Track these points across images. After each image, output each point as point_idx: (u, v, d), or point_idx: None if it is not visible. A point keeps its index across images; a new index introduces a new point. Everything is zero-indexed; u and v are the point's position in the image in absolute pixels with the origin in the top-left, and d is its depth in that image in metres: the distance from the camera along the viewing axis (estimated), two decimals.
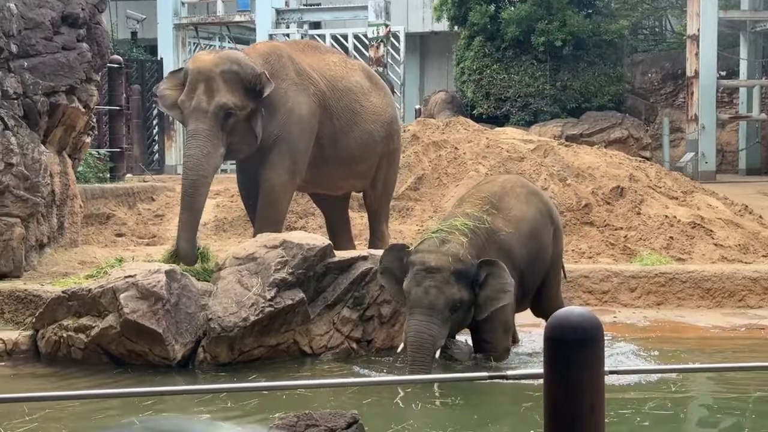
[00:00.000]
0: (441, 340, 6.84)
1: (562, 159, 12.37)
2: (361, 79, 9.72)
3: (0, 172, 9.15)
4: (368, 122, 9.57)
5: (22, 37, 9.54)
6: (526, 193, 7.63)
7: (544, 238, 7.59)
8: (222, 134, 8.45)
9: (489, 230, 7.21)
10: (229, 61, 8.59)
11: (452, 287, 6.84)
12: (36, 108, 9.57)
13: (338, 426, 3.40)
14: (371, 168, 9.76)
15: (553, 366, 3.00)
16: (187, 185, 8.47)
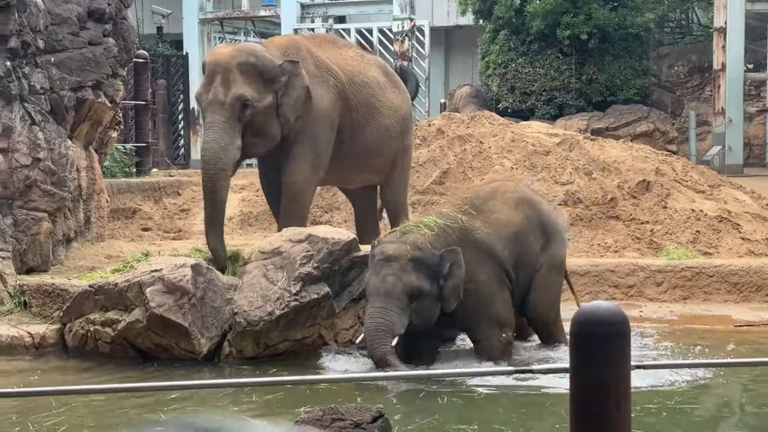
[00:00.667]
0: (400, 327, 6.76)
1: (588, 153, 12.32)
2: (377, 74, 9.71)
3: (27, 167, 9.21)
4: (385, 117, 9.56)
5: (48, 32, 9.59)
6: (517, 198, 7.50)
7: (529, 245, 7.43)
8: (239, 126, 8.40)
9: (463, 229, 7.14)
10: (246, 53, 8.57)
11: (410, 275, 6.80)
12: (63, 103, 9.62)
13: (364, 420, 3.40)
14: (387, 163, 9.75)
15: (579, 361, 2.99)
16: (207, 180, 8.44)
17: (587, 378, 2.96)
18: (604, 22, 19.69)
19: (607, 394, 2.95)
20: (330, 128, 9.10)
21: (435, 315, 6.98)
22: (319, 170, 9.13)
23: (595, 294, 9.58)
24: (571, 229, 11.19)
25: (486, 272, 7.17)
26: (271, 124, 8.60)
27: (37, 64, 9.46)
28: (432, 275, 6.85)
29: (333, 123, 9.13)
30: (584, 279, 9.69)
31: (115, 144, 11.73)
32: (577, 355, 2.99)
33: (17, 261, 8.89)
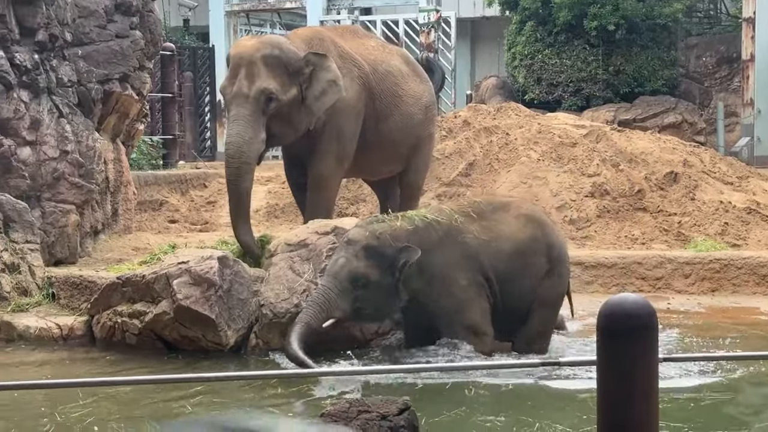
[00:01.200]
0: (337, 311, 6.71)
1: (615, 144, 12.27)
2: (400, 63, 9.71)
3: (55, 160, 9.27)
4: (408, 105, 9.55)
5: (76, 25, 9.65)
6: (529, 219, 7.23)
7: (530, 268, 7.10)
8: (263, 119, 8.40)
9: (454, 228, 6.97)
10: (270, 46, 8.55)
11: (359, 261, 6.73)
12: (90, 96, 9.67)
13: (390, 412, 3.40)
14: (409, 151, 9.74)
15: (606, 353, 2.97)
16: (231, 173, 8.44)
17: (614, 370, 2.95)
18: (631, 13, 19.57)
19: (635, 387, 2.94)
20: (355, 119, 9.10)
21: (388, 308, 6.88)
22: (344, 162, 9.13)
23: (622, 286, 9.55)
24: (598, 221, 11.16)
25: (466, 277, 6.92)
26: (295, 117, 8.60)
27: (64, 56, 9.52)
28: (386, 267, 6.72)
29: (358, 114, 9.12)
30: (611, 271, 9.66)
31: (142, 136, 11.79)
32: (605, 347, 2.98)
33: (45, 253, 8.95)
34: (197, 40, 22.27)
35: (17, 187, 8.90)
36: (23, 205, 8.74)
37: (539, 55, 20.44)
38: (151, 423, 5.79)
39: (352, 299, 6.76)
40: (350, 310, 6.78)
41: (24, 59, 9.08)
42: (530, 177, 11.69)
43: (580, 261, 9.72)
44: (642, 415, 2.95)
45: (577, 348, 7.44)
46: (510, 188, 11.55)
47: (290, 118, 8.57)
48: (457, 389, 6.32)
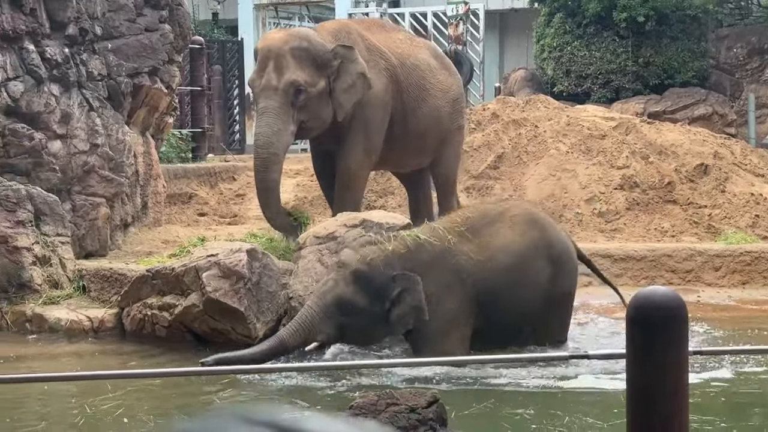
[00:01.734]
0: (320, 335, 6.43)
1: (645, 136, 12.20)
2: (428, 56, 9.70)
3: (85, 153, 9.32)
4: (436, 98, 9.53)
5: (106, 19, 9.69)
6: (527, 224, 7.05)
7: (531, 275, 6.95)
8: (292, 111, 8.42)
9: (445, 251, 6.74)
10: (299, 38, 8.58)
11: (346, 286, 6.46)
12: (120, 89, 9.71)
13: (419, 405, 3.40)
14: (438, 144, 9.71)
15: (635, 346, 2.96)
16: (259, 164, 8.49)
17: (644, 364, 2.94)
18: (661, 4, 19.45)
19: (665, 380, 2.92)
20: (383, 111, 9.10)
21: (375, 336, 6.68)
22: (372, 154, 9.13)
23: (651, 279, 9.51)
24: (627, 213, 11.11)
25: (454, 300, 6.71)
26: (324, 109, 8.62)
27: (94, 50, 9.56)
28: (374, 294, 6.45)
29: (386, 106, 9.12)
30: (641, 264, 9.62)
31: (171, 130, 11.83)
32: (634, 340, 2.97)
33: (76, 246, 9.01)
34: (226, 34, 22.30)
35: (48, 181, 8.97)
36: (54, 198, 8.80)
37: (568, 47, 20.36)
38: (180, 415, 5.81)
39: (336, 324, 6.48)
40: (334, 334, 6.52)
41: (54, 53, 9.13)
42: (559, 169, 11.65)
43: (609, 254, 9.69)
44: (672, 408, 2.94)
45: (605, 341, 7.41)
46: (538, 181, 11.52)
47: (318, 110, 8.59)
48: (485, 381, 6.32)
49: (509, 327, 6.83)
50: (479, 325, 6.82)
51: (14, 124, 8.83)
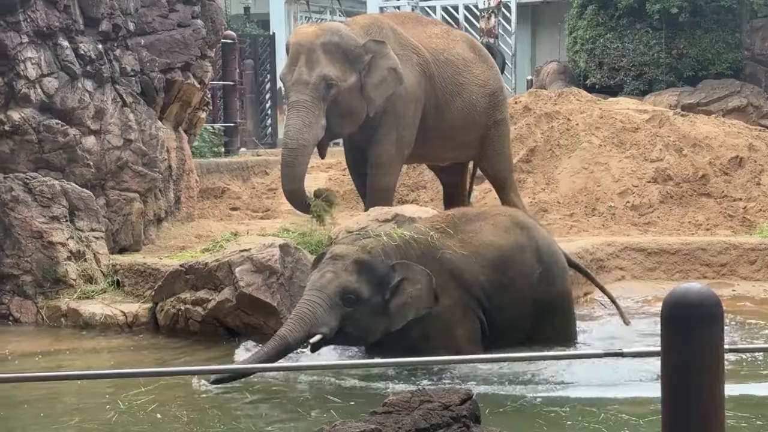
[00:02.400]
0: (323, 327, 6.08)
1: (678, 129, 12.11)
2: (464, 50, 9.60)
3: (119, 148, 9.37)
4: (471, 93, 9.45)
5: (138, 15, 9.73)
6: (510, 223, 6.88)
7: (518, 276, 6.74)
8: (323, 105, 8.43)
9: (430, 246, 6.54)
10: (330, 33, 8.58)
11: (350, 275, 6.18)
12: (153, 85, 9.76)
13: (452, 402, 3.39)
14: (475, 139, 9.62)
15: (670, 344, 2.94)
16: (287, 154, 8.51)
17: (679, 362, 2.91)
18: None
19: (700, 378, 2.90)
20: (415, 106, 9.07)
21: (375, 331, 6.31)
22: (404, 149, 9.11)
23: (685, 273, 9.44)
24: (660, 207, 11.04)
25: (449, 296, 6.46)
26: (355, 104, 8.61)
27: (127, 46, 9.61)
28: (377, 284, 6.22)
29: (418, 101, 9.09)
30: (675, 258, 9.55)
31: (203, 124, 11.87)
32: (668, 338, 2.94)
33: (110, 241, 9.07)
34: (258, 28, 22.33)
35: (82, 176, 9.02)
36: (88, 194, 8.86)
37: (601, 39, 20.25)
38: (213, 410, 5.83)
39: (340, 316, 6.18)
40: (336, 327, 6.17)
41: (88, 49, 9.18)
42: (592, 163, 11.59)
43: (643, 247, 9.63)
44: (708, 406, 2.91)
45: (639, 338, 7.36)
46: (571, 174, 11.47)
47: (350, 105, 8.59)
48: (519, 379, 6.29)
49: (505, 326, 6.65)
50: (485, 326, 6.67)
51: (49, 120, 8.89)
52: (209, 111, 12.41)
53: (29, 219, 8.40)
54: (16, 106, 8.76)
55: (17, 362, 6.93)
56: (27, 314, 8.27)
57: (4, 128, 8.67)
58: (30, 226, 8.39)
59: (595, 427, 5.29)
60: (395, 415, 3.28)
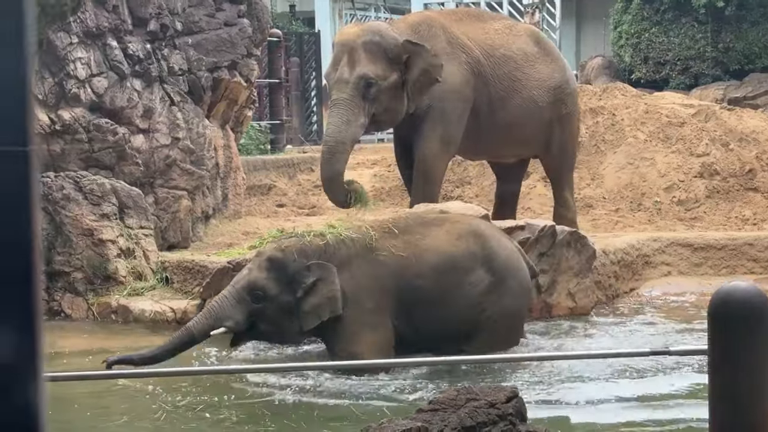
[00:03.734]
0: (228, 321, 6.18)
1: (725, 123, 11.99)
2: (526, 45, 9.43)
3: (167, 147, 9.44)
4: (530, 89, 9.29)
5: (186, 14, 9.79)
6: (466, 231, 6.69)
7: (465, 284, 6.57)
8: (364, 104, 8.46)
9: (365, 248, 6.48)
10: (371, 32, 8.62)
11: (260, 272, 6.26)
12: (200, 83, 9.81)
13: (498, 400, 3.38)
14: (538, 134, 9.43)
15: (717, 343, 2.91)
16: (326, 151, 8.60)
17: (727, 361, 2.89)
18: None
19: (749, 379, 2.87)
20: (461, 103, 9.02)
21: (288, 329, 6.36)
22: (450, 145, 9.08)
23: (732, 268, 9.35)
24: (707, 201, 10.94)
25: (373, 301, 6.42)
26: (397, 101, 8.64)
27: (175, 45, 9.67)
28: (287, 282, 6.26)
29: (465, 98, 9.04)
30: (721, 253, 9.47)
31: (250, 122, 11.92)
32: (716, 337, 2.92)
33: (159, 238, 9.14)
34: (303, 26, 22.40)
35: (131, 174, 9.10)
36: (137, 192, 8.93)
37: (646, 34, 20.11)
38: (261, 409, 5.85)
39: (247, 311, 6.26)
40: (244, 322, 6.26)
41: (136, 49, 9.26)
42: (637, 158, 11.51)
43: (689, 243, 9.55)
44: (755, 405, 2.88)
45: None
46: (616, 170, 11.40)
47: (391, 102, 8.63)
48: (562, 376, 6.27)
49: (439, 332, 6.46)
50: (407, 329, 6.48)
51: (98, 119, 8.98)
52: (255, 109, 12.46)
53: (80, 217, 8.48)
54: (67, 106, 8.85)
55: (66, 360, 6.96)
56: (78, 311, 8.36)
57: (55, 128, 8.76)
58: (80, 224, 8.47)
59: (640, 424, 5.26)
60: (441, 413, 3.29)
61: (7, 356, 0.70)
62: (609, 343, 7.15)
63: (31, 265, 0.73)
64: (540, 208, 10.86)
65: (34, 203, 0.72)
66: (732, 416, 2.85)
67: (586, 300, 8.25)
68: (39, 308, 0.73)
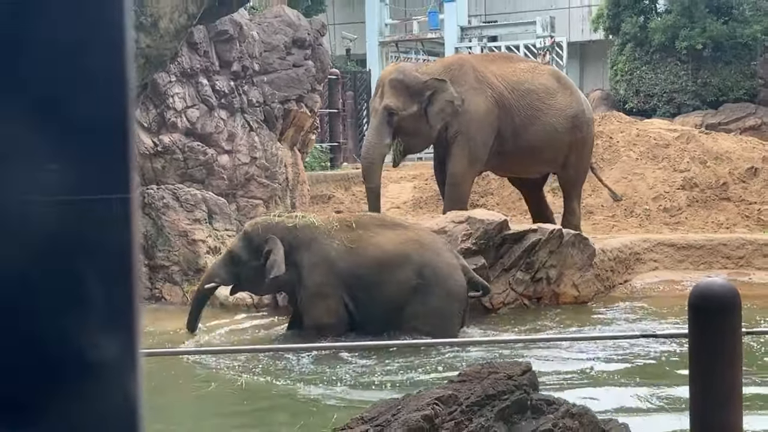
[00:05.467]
0: (220, 277, 6.70)
1: (703, 145, 11.84)
2: (548, 81, 9.30)
3: (247, 165, 9.49)
4: (550, 116, 9.14)
5: (262, 57, 9.85)
6: (412, 239, 6.62)
7: (394, 280, 6.48)
8: (389, 129, 8.62)
9: (323, 233, 6.59)
10: (397, 71, 8.80)
11: (238, 242, 6.77)
12: (273, 113, 9.86)
13: (515, 373, 3.35)
14: (558, 155, 9.26)
15: (696, 328, 2.87)
16: (363, 166, 8.96)
17: (704, 343, 2.85)
18: (716, 34, 18.88)
19: (722, 356, 2.83)
20: (486, 130, 8.96)
21: (259, 283, 6.67)
22: (475, 163, 9.03)
23: (709, 264, 9.22)
24: (688, 209, 10.80)
25: (322, 276, 6.54)
26: (419, 128, 8.70)
27: (253, 83, 9.72)
28: (254, 251, 6.59)
29: (490, 126, 8.96)
30: (700, 251, 9.34)
31: (313, 144, 11.95)
32: (695, 323, 2.88)
33: None
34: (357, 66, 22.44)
35: (218, 187, 9.16)
36: (223, 201, 8.98)
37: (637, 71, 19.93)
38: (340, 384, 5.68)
39: (230, 271, 6.70)
40: (229, 279, 6.73)
41: (222, 86, 9.31)
42: (630, 173, 11.40)
43: (673, 243, 9.43)
44: (728, 380, 2.84)
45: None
46: (612, 183, 11.27)
47: (413, 129, 8.74)
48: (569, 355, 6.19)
49: (377, 317, 6.47)
50: (352, 306, 6.56)
51: (192, 142, 9.04)
52: (318, 133, 12.49)
53: (176, 221, 8.54)
54: (167, 132, 8.92)
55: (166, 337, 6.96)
56: (174, 297, 8.41)
57: (157, 149, 8.84)
58: (177, 227, 8.52)
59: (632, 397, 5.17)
60: (468, 383, 3.26)
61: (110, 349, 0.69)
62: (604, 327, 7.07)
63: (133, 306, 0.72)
64: None
65: (134, 247, 0.71)
66: (709, 388, 2.81)
67: (587, 290, 8.17)
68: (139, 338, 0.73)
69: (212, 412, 5.34)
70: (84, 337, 0.70)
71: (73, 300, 0.70)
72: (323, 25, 10.87)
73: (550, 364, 5.96)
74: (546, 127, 9.14)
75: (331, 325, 6.55)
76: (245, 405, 5.34)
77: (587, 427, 3.25)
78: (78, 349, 0.70)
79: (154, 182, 8.78)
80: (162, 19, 6.54)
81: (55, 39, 0.71)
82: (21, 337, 0.70)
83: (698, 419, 2.83)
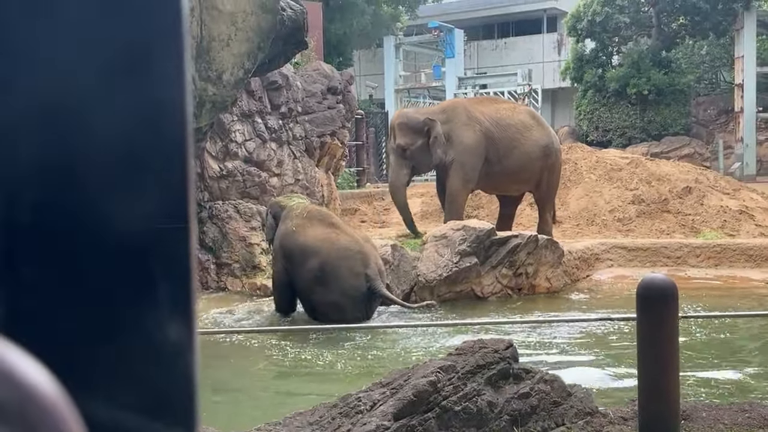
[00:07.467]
0: (267, 235, 6.99)
1: (648, 168, 11.75)
2: (525, 118, 9.31)
3: (291, 185, 9.50)
4: (527, 146, 9.13)
5: (304, 102, 9.87)
6: (325, 237, 6.32)
7: (305, 267, 6.27)
8: (404, 162, 8.83)
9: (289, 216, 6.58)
10: (401, 116, 9.06)
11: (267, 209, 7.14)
12: (312, 145, 9.88)
13: (500, 348, 3.33)
14: (533, 177, 9.25)
15: (643, 313, 2.86)
16: (391, 191, 9.16)
17: (649, 324, 2.83)
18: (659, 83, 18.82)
19: (663, 335, 2.81)
20: (476, 157, 8.97)
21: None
22: (468, 183, 9.06)
23: (653, 263, 9.15)
24: (637, 219, 10.71)
25: (276, 244, 6.60)
26: (425, 156, 8.87)
27: (297, 121, 9.75)
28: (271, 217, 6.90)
29: (478, 154, 8.98)
30: (646, 253, 9.27)
31: (343, 169, 11.96)
32: (642, 309, 2.86)
33: None
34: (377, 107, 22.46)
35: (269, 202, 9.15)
36: None
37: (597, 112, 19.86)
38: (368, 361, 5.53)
39: (269, 231, 6.88)
40: (272, 237, 6.76)
41: (273, 124, 9.34)
42: (591, 191, 11.33)
43: (625, 246, 9.37)
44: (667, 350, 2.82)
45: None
46: (577, 198, 11.22)
47: (421, 158, 8.87)
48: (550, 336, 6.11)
49: (299, 291, 6.39)
50: (291, 278, 6.41)
51: (249, 167, 9.06)
52: (347, 160, 12.50)
53: (237, 229, 8.55)
54: (230, 159, 8.95)
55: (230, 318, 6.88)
56: (236, 287, 8.40)
57: (222, 173, 8.87)
58: (238, 234, 8.54)
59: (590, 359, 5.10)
60: (463, 356, 3.25)
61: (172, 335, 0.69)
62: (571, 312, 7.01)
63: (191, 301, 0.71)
64: (527, 223, 10.72)
65: (192, 272, 0.70)
66: (653, 359, 2.79)
67: (557, 283, 8.12)
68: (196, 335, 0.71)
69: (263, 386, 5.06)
70: (156, 326, 0.71)
71: (150, 298, 0.70)
72: (351, 77, 10.90)
73: (528, 340, 5.92)
74: (523, 155, 9.16)
75: (280, 282, 6.49)
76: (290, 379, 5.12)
77: (557, 390, 3.23)
78: (150, 334, 0.71)
79: (220, 198, 8.81)
80: (225, 73, 6.58)
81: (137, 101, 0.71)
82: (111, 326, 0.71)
83: (645, 383, 2.81)
